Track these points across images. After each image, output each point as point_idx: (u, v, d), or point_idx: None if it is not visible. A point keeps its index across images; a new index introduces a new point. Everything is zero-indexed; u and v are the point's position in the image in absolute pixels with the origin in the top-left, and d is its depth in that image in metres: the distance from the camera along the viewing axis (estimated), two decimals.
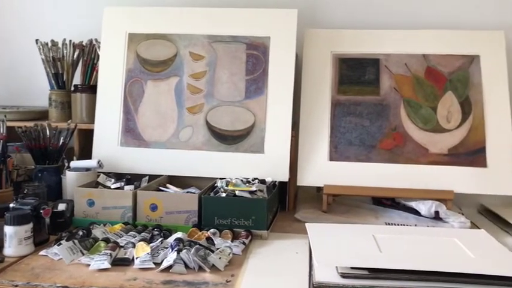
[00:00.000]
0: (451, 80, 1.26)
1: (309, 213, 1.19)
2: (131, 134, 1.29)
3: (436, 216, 1.15)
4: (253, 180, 1.14)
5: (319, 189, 1.28)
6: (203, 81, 1.29)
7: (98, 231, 0.98)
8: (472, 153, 1.21)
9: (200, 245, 0.89)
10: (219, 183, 1.11)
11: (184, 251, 0.86)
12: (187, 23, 1.31)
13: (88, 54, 1.40)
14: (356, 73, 1.29)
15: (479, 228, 1.13)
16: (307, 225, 0.98)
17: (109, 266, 0.84)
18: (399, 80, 1.27)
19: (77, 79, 1.42)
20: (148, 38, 1.32)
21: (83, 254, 0.89)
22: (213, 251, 0.89)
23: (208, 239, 0.94)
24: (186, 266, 0.84)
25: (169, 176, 1.25)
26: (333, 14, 1.43)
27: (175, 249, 0.87)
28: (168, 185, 1.19)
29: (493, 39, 1.28)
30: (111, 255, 0.86)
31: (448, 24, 1.34)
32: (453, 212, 1.15)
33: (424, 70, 1.27)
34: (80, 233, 0.97)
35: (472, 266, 0.76)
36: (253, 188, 1.06)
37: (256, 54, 1.28)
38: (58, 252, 0.87)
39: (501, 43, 1.28)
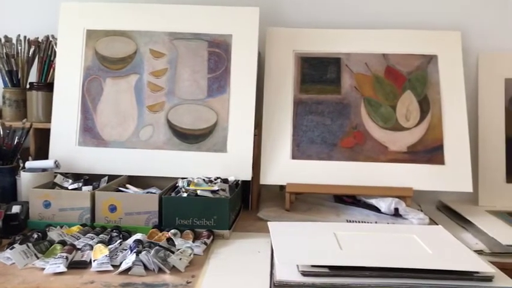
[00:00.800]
0: (409, 79, 1.29)
1: (271, 212, 1.19)
2: (89, 133, 1.25)
3: (396, 213, 1.17)
4: (215, 179, 1.13)
5: (282, 187, 1.28)
6: (164, 79, 1.26)
7: (54, 234, 0.95)
8: (430, 151, 1.23)
9: (160, 246, 0.88)
10: (180, 183, 1.09)
11: (143, 252, 0.84)
12: (148, 19, 1.29)
13: (44, 51, 1.35)
14: (318, 72, 1.30)
15: (437, 225, 1.16)
16: (269, 224, 0.98)
17: (65, 269, 0.81)
18: (360, 79, 1.29)
19: (33, 76, 1.38)
20: (107, 34, 1.29)
21: (38, 258, 0.85)
22: (173, 252, 0.87)
23: (169, 239, 0.92)
24: (146, 267, 0.82)
25: (129, 176, 1.22)
26: (295, 13, 1.43)
27: (135, 250, 0.85)
28: (128, 186, 1.17)
29: (450, 39, 1.31)
30: (67, 258, 0.83)
31: (407, 24, 1.37)
32: (412, 208, 1.17)
33: (384, 69, 1.29)
34: (35, 235, 0.93)
35: (429, 261, 0.78)
36: (215, 188, 1.05)
37: (218, 52, 1.27)
38: (10, 256, 0.84)
39: (457, 43, 1.31)
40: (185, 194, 1.04)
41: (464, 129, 1.24)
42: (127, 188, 1.16)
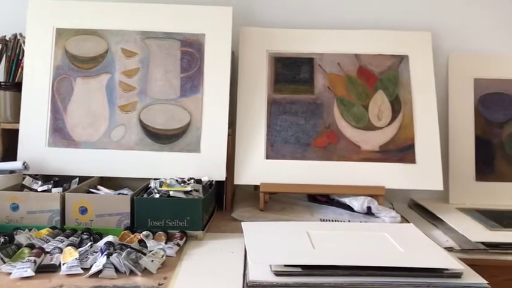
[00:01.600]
0: (381, 79, 1.30)
1: (246, 212, 1.19)
2: (59, 133, 1.23)
3: (369, 212, 1.18)
4: (188, 180, 1.11)
5: (256, 187, 1.28)
6: (136, 78, 1.25)
7: (21, 237, 0.93)
8: (401, 150, 1.25)
9: (132, 248, 0.86)
10: (152, 184, 1.08)
11: (114, 254, 0.83)
12: (119, 18, 1.27)
13: (12, 50, 1.31)
14: (291, 72, 1.30)
15: (409, 223, 1.18)
16: (242, 224, 0.97)
17: (33, 273, 0.79)
18: (332, 79, 1.30)
19: (0, 76, 1.34)
20: (77, 33, 1.26)
21: (4, 262, 0.83)
22: (145, 254, 0.86)
23: (141, 241, 0.91)
24: (117, 270, 0.81)
25: (100, 177, 1.20)
26: (268, 13, 1.43)
27: (105, 253, 0.83)
28: (99, 187, 1.15)
29: (420, 40, 1.33)
30: (35, 262, 0.81)
31: (379, 25, 1.38)
32: (384, 207, 1.19)
33: (356, 69, 1.31)
34: (1, 239, 0.90)
35: (400, 259, 0.79)
36: (188, 188, 1.04)
37: (191, 52, 1.26)
38: None
39: (428, 44, 1.33)
40: (157, 195, 1.03)
41: (434, 129, 1.26)
42: (98, 190, 1.14)
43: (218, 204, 1.25)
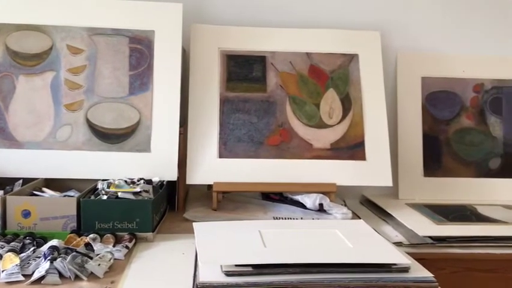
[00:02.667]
0: (332, 78, 1.31)
1: (198, 212, 1.17)
2: (1, 134, 1.17)
3: (321, 209, 1.19)
4: (138, 180, 1.09)
5: (209, 187, 1.26)
6: (82, 76, 1.20)
7: None
8: (352, 147, 1.27)
9: (77, 252, 0.83)
10: (100, 185, 1.04)
11: (59, 259, 0.79)
12: (64, 13, 1.22)
13: None
14: (243, 70, 1.29)
15: (360, 219, 1.19)
16: (194, 224, 0.96)
17: None
18: (285, 77, 1.30)
19: None
20: (19, 28, 1.20)
21: None
22: (91, 258, 0.83)
23: (87, 245, 0.88)
24: (61, 275, 0.78)
25: (46, 179, 1.15)
26: (220, 10, 1.42)
27: (49, 258, 0.80)
28: (44, 189, 1.10)
29: (370, 39, 1.36)
30: None
31: (330, 24, 1.40)
32: (336, 204, 1.20)
33: (308, 68, 1.31)
34: None
35: (349, 255, 0.79)
36: (138, 189, 1.01)
37: (140, 49, 1.23)
38: None
39: (377, 43, 1.36)
40: (105, 197, 1.00)
41: (384, 126, 1.29)
42: (43, 192, 1.09)
43: (170, 205, 1.23)
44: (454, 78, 1.45)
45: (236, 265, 0.76)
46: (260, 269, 0.76)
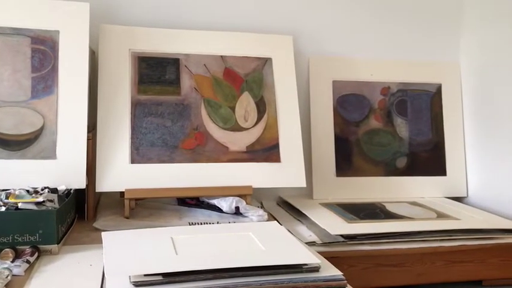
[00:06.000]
0: (247, 81, 1.32)
1: (110, 221, 1.12)
2: None
3: (237, 212, 1.19)
4: (42, 189, 1.02)
5: (122, 194, 1.21)
6: None
7: None
8: (267, 150, 1.28)
9: None
10: None
11: None
12: None
13: None
14: (156, 72, 1.26)
15: (277, 220, 1.21)
16: (102, 234, 0.91)
17: None
18: (199, 80, 1.28)
19: None
20: None
21: None
22: None
23: None
24: None
25: None
26: (131, 11, 1.37)
27: None
28: None
29: (283, 43, 1.38)
30: None
31: (244, 28, 1.40)
32: (252, 206, 1.20)
33: (223, 71, 1.31)
34: None
35: (261, 258, 0.79)
36: (41, 199, 0.95)
37: (43, 50, 1.15)
38: None
39: (289, 47, 1.38)
40: (3, 208, 0.92)
41: (297, 129, 1.31)
42: None
43: (80, 214, 1.16)
44: (363, 81, 1.51)
45: (145, 275, 0.73)
46: (171, 277, 0.73)
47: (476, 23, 1.52)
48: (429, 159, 1.52)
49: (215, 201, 1.21)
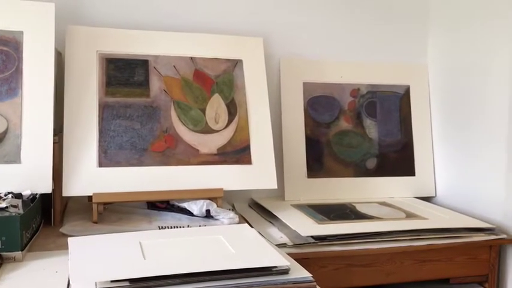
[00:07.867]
0: (217, 83, 1.31)
1: (77, 226, 1.10)
2: None
3: (208, 215, 1.18)
4: (6, 195, 0.99)
5: (90, 198, 1.19)
6: None
7: None
8: (238, 152, 1.27)
9: None
10: None
11: None
12: None
13: None
14: (124, 74, 1.24)
15: (248, 222, 1.20)
16: (69, 239, 0.89)
17: None
18: (168, 82, 1.27)
19: None
20: None
21: None
22: None
23: None
24: None
25: None
26: (98, 12, 1.35)
27: None
28: None
29: (253, 45, 1.37)
30: None
31: (214, 29, 1.39)
32: (223, 209, 1.19)
33: (193, 73, 1.30)
34: None
35: (231, 262, 0.79)
36: (4, 204, 0.92)
37: (6, 51, 1.12)
38: None
39: (260, 49, 1.38)
40: None
41: (268, 130, 1.31)
42: None
43: (46, 220, 1.14)
44: (333, 83, 1.52)
45: (112, 281, 0.72)
46: (138, 283, 0.72)
47: (443, 26, 1.55)
48: (398, 159, 1.54)
49: (185, 205, 1.20)
